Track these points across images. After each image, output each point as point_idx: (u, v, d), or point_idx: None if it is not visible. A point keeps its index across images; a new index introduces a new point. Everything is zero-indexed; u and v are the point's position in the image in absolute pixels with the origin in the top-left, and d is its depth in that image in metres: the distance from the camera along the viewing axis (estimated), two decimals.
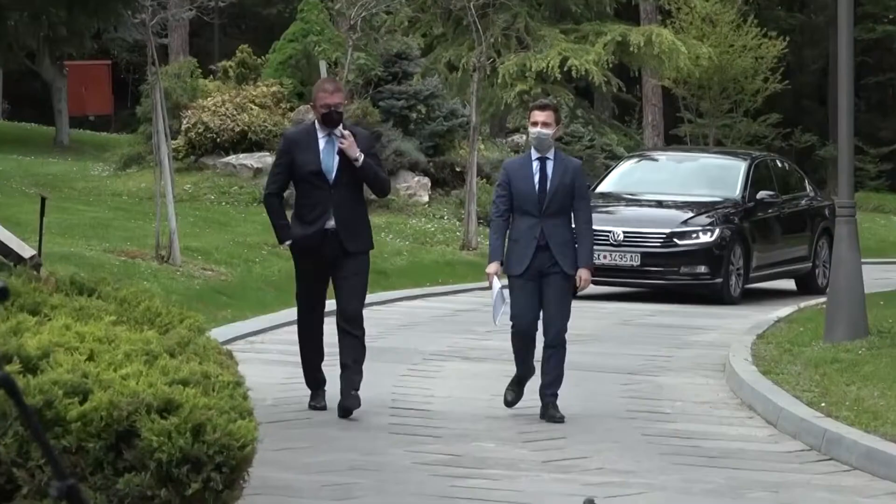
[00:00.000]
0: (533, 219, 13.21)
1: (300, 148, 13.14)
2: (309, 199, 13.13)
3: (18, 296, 9.36)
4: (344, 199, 13.04)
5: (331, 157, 12.99)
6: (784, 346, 17.90)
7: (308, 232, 13.03)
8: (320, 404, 13.42)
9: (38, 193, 15.96)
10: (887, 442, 12.71)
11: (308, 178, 13.06)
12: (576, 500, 11.11)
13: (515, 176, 13.39)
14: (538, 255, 13.18)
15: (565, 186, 13.27)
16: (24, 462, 7.98)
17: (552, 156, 13.42)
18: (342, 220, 13.00)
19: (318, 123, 13.21)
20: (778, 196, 25.59)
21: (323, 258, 13.08)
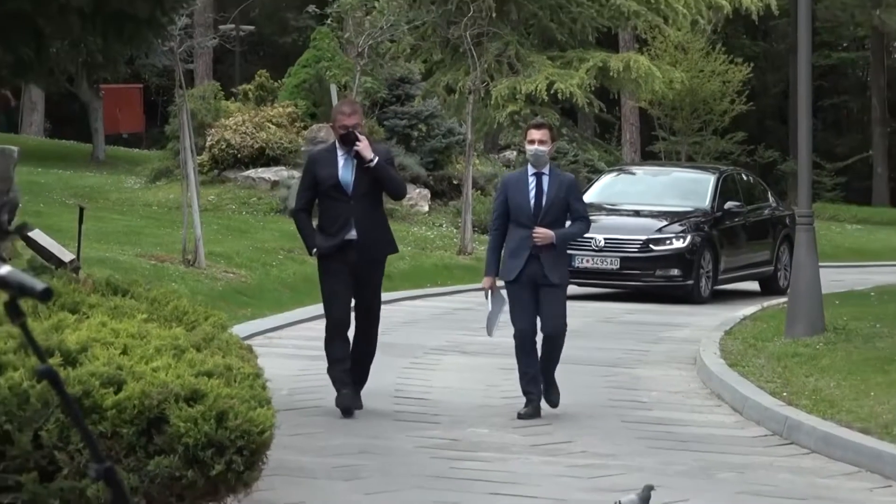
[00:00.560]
0: (527, 230, 12.89)
1: (321, 165, 12.97)
2: (331, 212, 12.92)
3: (59, 296, 9.36)
4: (363, 210, 12.83)
5: (349, 172, 12.79)
6: (749, 342, 17.92)
7: (331, 243, 12.83)
8: (347, 405, 13.01)
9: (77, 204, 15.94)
10: (842, 427, 12.72)
11: (329, 193, 12.84)
12: (563, 479, 11.14)
13: (513, 189, 13.08)
14: (530, 264, 12.87)
15: (560, 200, 12.98)
16: (65, 446, 7.98)
17: (548, 171, 13.09)
18: (362, 230, 12.78)
19: (337, 143, 13.02)
20: (743, 206, 25.61)
21: (346, 266, 12.85)
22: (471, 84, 30.46)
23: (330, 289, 12.98)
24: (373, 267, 13.03)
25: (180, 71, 24.09)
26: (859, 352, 16.49)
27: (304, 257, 22.90)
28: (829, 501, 10.81)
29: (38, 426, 8.02)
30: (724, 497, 10.83)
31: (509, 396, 14.34)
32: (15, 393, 8.02)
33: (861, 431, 12.54)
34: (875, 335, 17.81)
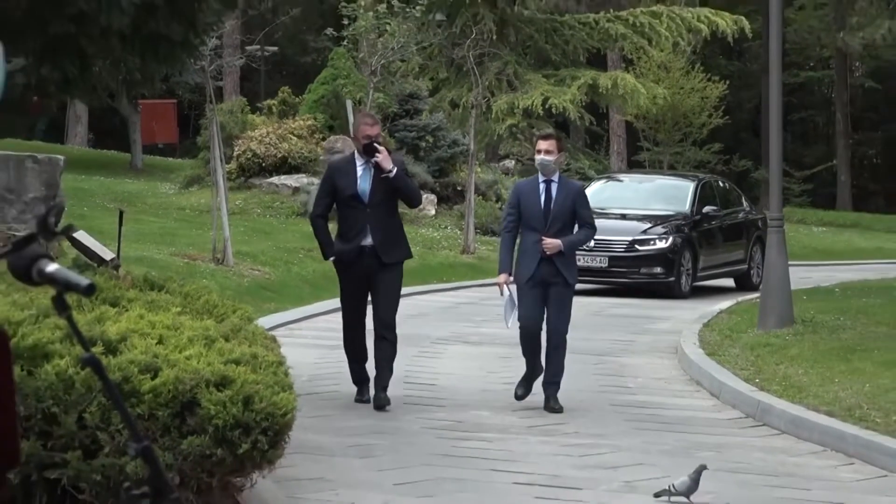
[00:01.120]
0: (538, 234, 12.61)
1: (340, 174, 12.57)
2: (349, 219, 12.52)
3: (101, 291, 9.35)
4: (379, 218, 12.42)
5: (366, 182, 12.39)
6: (725, 333, 17.92)
7: (348, 248, 12.45)
8: (365, 398, 12.77)
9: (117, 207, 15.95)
10: (809, 411, 12.73)
11: (347, 201, 12.43)
12: (557, 457, 11.14)
13: (524, 196, 12.78)
14: (542, 266, 12.58)
15: (568, 207, 12.67)
16: (106, 427, 7.98)
17: (557, 179, 12.80)
18: (378, 237, 12.38)
19: (357, 153, 12.65)
20: (720, 210, 25.64)
21: (362, 270, 12.46)
22: (473, 100, 30.49)
23: (347, 296, 12.70)
24: (388, 272, 12.55)
25: (210, 88, 24.10)
26: (825, 342, 16.49)
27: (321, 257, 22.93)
28: (798, 478, 10.80)
29: (82, 409, 8.02)
30: (704, 473, 10.81)
31: (509, 382, 14.31)
32: (61, 379, 8.03)
33: (826, 414, 12.54)
34: (839, 327, 17.83)
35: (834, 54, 52.07)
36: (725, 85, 43.08)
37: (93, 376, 7.62)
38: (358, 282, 12.54)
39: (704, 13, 40.24)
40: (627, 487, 10.27)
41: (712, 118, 42.41)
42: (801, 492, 10.32)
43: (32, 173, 19.83)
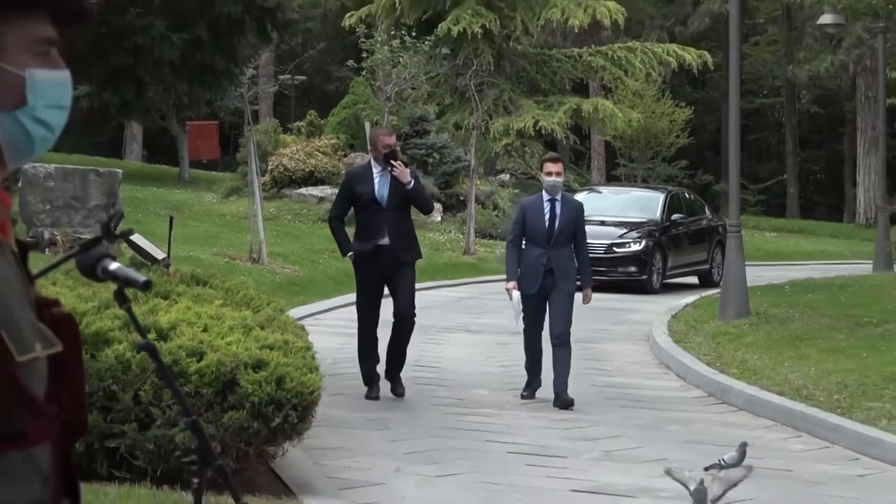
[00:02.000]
0: (541, 248, 11.96)
1: (358, 181, 12.04)
2: (367, 221, 11.95)
3: (154, 286, 9.36)
4: (395, 220, 11.87)
5: (384, 187, 11.88)
6: (690, 323, 17.92)
7: (366, 247, 11.86)
8: (374, 395, 12.05)
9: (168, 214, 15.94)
10: (763, 391, 12.73)
11: (366, 205, 11.89)
12: (545, 430, 11.13)
13: (530, 213, 12.11)
14: (546, 278, 11.92)
15: (570, 223, 12.06)
16: (158, 402, 7.98)
17: (560, 198, 12.19)
18: (393, 237, 11.81)
19: (373, 161, 12.05)
20: (686, 218, 25.63)
21: (379, 268, 11.85)
22: (473, 122, 30.49)
23: (363, 291, 12.08)
24: (402, 269, 11.98)
25: (248, 111, 24.04)
26: (776, 332, 16.48)
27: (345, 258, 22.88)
28: (754, 449, 10.77)
29: (138, 387, 8.03)
30: (672, 444, 10.82)
31: (504, 365, 14.32)
32: (120, 361, 8.03)
33: (778, 394, 12.54)
34: (788, 319, 17.81)
35: (784, 84, 52.05)
36: (691, 110, 43.07)
37: (147, 359, 7.62)
38: (375, 279, 11.97)
39: (673, 48, 40.26)
40: (606, 456, 10.26)
41: (679, 138, 42.39)
42: (755, 460, 10.28)
43: (95, 185, 19.85)
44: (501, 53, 37.85)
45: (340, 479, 9.08)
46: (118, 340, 8.12)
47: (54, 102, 2.18)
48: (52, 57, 2.17)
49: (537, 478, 9.44)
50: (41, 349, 2.12)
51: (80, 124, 30.25)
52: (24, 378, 2.09)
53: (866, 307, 18.84)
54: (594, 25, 39.61)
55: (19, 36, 2.14)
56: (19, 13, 2.13)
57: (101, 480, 7.75)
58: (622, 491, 9.09)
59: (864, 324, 16.97)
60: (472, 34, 36.51)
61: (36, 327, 2.13)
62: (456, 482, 9.22)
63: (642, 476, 9.57)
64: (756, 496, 9.04)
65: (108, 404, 7.92)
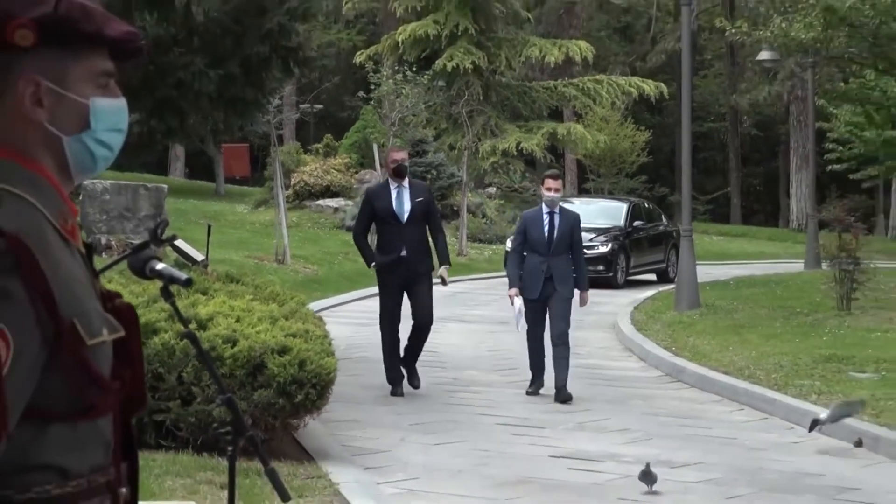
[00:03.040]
0: (541, 257, 11.20)
1: (378, 199, 11.19)
2: (387, 235, 11.15)
3: (195, 283, 9.36)
4: (412, 233, 11.07)
5: (401, 204, 11.07)
6: (650, 314, 17.93)
7: (387, 259, 11.04)
8: (399, 392, 11.23)
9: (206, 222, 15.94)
10: (711, 371, 12.74)
11: (386, 220, 11.09)
12: (527, 405, 11.12)
13: (530, 224, 11.35)
14: (546, 285, 11.20)
15: (567, 233, 11.30)
16: (198, 383, 7.97)
17: (558, 210, 11.41)
18: (411, 249, 11.03)
19: (389, 178, 11.27)
20: (645, 224, 25.61)
21: (399, 277, 11.07)
22: (465, 143, 30.51)
23: (386, 298, 11.21)
24: (420, 279, 11.15)
25: (274, 135, 24.11)
26: (722, 321, 16.50)
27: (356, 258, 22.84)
28: (704, 419, 10.80)
29: (181, 370, 8.02)
30: (634, 417, 10.83)
31: (493, 350, 14.31)
32: (165, 348, 8.03)
33: (724, 373, 12.55)
34: (733, 310, 17.84)
35: (728, 111, 52.06)
36: (649, 133, 43.07)
37: (189, 346, 7.60)
38: (395, 286, 11.16)
39: (634, 80, 40.27)
40: (579, 427, 10.27)
41: (639, 157, 42.39)
42: (705, 430, 10.32)
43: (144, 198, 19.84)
44: (489, 85, 37.85)
45: (353, 447, 9.09)
46: (164, 330, 8.12)
47: (114, 126, 2.20)
48: (111, 87, 2.19)
49: (521, 445, 9.45)
50: (107, 334, 2.13)
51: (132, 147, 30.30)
52: (93, 359, 2.09)
53: (798, 299, 18.88)
54: (567, 61, 39.61)
55: (84, 70, 2.15)
56: (84, 50, 2.14)
57: (150, 449, 7.76)
58: (593, 456, 9.10)
59: (797, 314, 17.00)
60: (463, 69, 36.52)
61: (102, 316, 2.14)
62: (452, 449, 9.22)
63: (609, 443, 9.58)
64: (705, 460, 9.05)
65: (156, 384, 7.92)
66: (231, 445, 3.95)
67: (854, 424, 9.93)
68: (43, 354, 2.02)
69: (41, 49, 2.10)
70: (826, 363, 12.61)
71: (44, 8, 2.09)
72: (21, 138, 2.13)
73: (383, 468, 8.49)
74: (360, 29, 50.33)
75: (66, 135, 2.14)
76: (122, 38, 2.16)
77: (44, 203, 2.10)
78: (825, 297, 17.89)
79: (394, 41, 37.54)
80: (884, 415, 10.22)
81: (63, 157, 2.15)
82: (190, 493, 6.98)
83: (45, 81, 2.11)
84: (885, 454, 9.32)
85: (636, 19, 53.43)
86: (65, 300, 2.05)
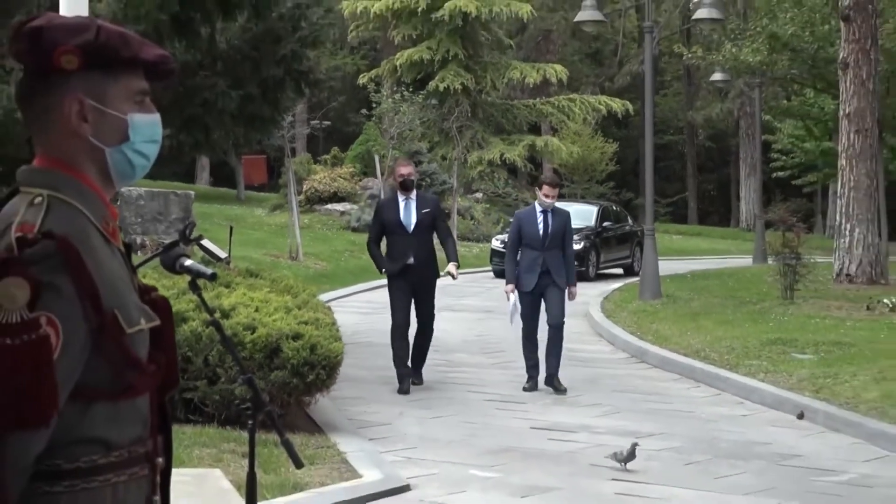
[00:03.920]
0: (536, 252, 10.60)
1: (387, 210, 10.56)
2: (395, 243, 10.52)
3: (219, 278, 9.35)
4: (419, 242, 10.49)
5: (409, 215, 10.51)
6: (617, 303, 17.91)
7: (396, 265, 10.44)
8: (406, 388, 10.48)
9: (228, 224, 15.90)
10: (672, 353, 12.74)
11: (394, 229, 10.47)
12: (511, 383, 11.10)
13: (525, 222, 10.74)
14: (541, 278, 10.59)
15: (560, 230, 10.67)
16: (222, 365, 7.96)
17: (552, 210, 10.74)
18: (417, 257, 10.45)
19: (398, 191, 10.64)
20: (614, 224, 25.60)
21: (407, 282, 10.45)
22: (455, 155, 30.51)
23: (394, 301, 10.56)
24: (426, 286, 10.61)
25: (287, 147, 24.08)
26: (681, 309, 16.50)
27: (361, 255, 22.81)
28: (665, 395, 10.81)
29: (207, 353, 8.01)
30: (605, 392, 10.83)
31: (481, 335, 14.28)
32: (193, 334, 8.02)
33: (683, 355, 12.55)
34: (690, 299, 17.84)
35: (685, 125, 52.10)
36: (616, 145, 43.03)
37: (214, 332, 7.61)
38: (404, 291, 10.53)
39: (603, 99, 40.26)
40: (556, 402, 10.27)
41: (608, 166, 42.35)
42: (667, 404, 10.33)
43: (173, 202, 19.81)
44: (476, 103, 37.81)
45: (358, 421, 9.08)
46: (192, 318, 8.11)
47: (150, 138, 2.20)
48: (147, 104, 2.20)
49: (505, 419, 9.45)
50: (144, 323, 2.14)
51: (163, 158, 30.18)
52: (132, 345, 2.10)
53: (747, 290, 18.89)
54: (544, 82, 39.59)
55: (122, 89, 2.16)
56: (122, 72, 2.15)
57: (180, 423, 7.75)
58: (569, 428, 9.10)
59: (746, 302, 17.02)
60: (454, 89, 36.48)
61: (140, 307, 2.15)
62: (445, 422, 9.22)
63: (583, 416, 9.59)
64: (667, 431, 9.06)
65: (185, 366, 7.90)
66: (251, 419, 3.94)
67: (797, 399, 9.95)
68: (88, 342, 2.03)
69: (84, 72, 2.11)
70: (772, 346, 12.62)
71: (86, 36, 2.10)
72: (68, 151, 2.13)
73: (385, 439, 8.48)
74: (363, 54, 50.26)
75: (108, 146, 2.15)
76: (155, 61, 2.17)
77: (88, 208, 2.11)
78: (771, 287, 17.92)
79: (393, 65, 37.52)
80: (822, 391, 10.24)
81: (105, 166, 2.16)
82: (215, 462, 6.98)
83: (89, 100, 2.12)
84: (822, 425, 9.33)
85: (605, 45, 53.44)
86: (107, 294, 2.05)
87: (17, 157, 7.94)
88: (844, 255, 19.53)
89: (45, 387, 1.95)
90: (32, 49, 2.10)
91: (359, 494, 6.71)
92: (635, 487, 7.22)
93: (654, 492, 7.12)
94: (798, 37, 24.76)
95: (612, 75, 50.85)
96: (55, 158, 2.13)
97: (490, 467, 7.70)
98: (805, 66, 25.91)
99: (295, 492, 6.54)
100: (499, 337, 14.20)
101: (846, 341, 12.65)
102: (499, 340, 13.68)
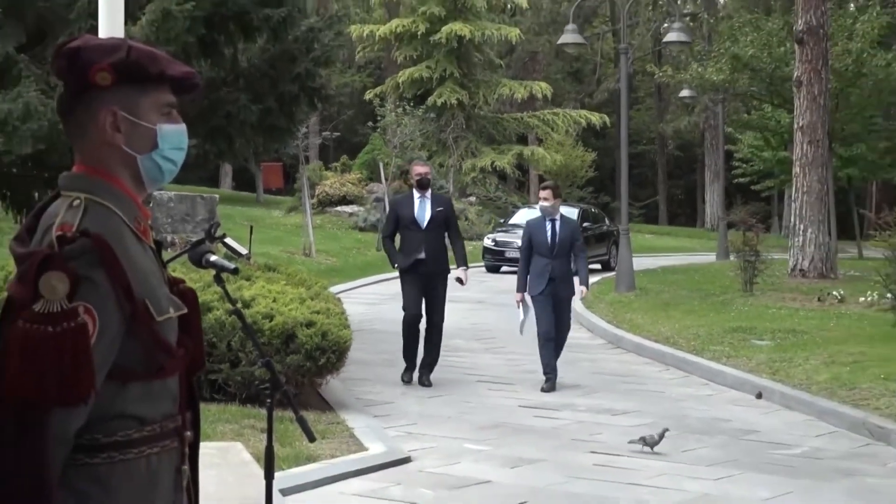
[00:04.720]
0: (546, 259, 9.89)
1: (401, 207, 10.04)
2: (408, 239, 9.92)
3: (240, 272, 9.31)
4: (431, 239, 9.91)
5: (423, 212, 9.95)
6: (596, 295, 17.88)
7: (408, 260, 9.99)
8: (407, 379, 10.03)
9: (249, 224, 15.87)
10: (645, 339, 12.73)
11: (408, 226, 9.90)
12: (502, 366, 11.09)
13: (534, 231, 10.06)
14: (550, 283, 9.84)
15: (567, 238, 9.98)
16: (243, 349, 7.95)
17: (559, 218, 10.03)
18: (429, 253, 9.86)
19: (414, 189, 10.08)
20: (593, 225, 25.61)
21: (418, 276, 9.85)
22: (451, 162, 30.47)
23: (407, 295, 9.94)
24: (437, 279, 10.00)
25: (302, 156, 24.04)
26: (653, 300, 16.49)
27: (367, 252, 22.81)
28: (639, 377, 10.81)
29: (230, 339, 8.00)
30: (584, 374, 10.83)
31: (475, 324, 14.27)
32: (217, 322, 8.00)
33: (655, 341, 12.55)
34: (661, 291, 17.84)
35: (656, 136, 52.10)
36: (595, 154, 43.01)
37: (236, 320, 7.59)
38: (415, 285, 9.94)
39: (583, 113, 40.29)
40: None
41: (588, 173, 42.31)
42: (640, 385, 10.33)
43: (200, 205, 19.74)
44: (470, 117, 37.79)
45: (365, 400, 9.08)
46: (216, 308, 8.10)
47: (177, 145, 2.21)
48: (174, 115, 2.21)
49: (496, 398, 9.45)
50: (173, 312, 2.15)
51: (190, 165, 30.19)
52: (162, 332, 2.10)
53: (712, 283, 18.89)
54: (531, 98, 39.60)
55: (152, 102, 2.16)
56: (152, 87, 2.15)
57: (205, 401, 7.73)
58: (553, 406, 9.11)
59: (710, 294, 17.02)
60: (450, 104, 36.48)
61: (169, 297, 2.16)
62: (442, 401, 9.22)
63: (566, 396, 9.59)
64: (641, 409, 9.06)
65: (210, 351, 7.89)
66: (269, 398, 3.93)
67: (755, 381, 9.94)
68: (122, 329, 2.03)
69: (117, 87, 2.11)
70: (733, 333, 12.63)
71: (119, 55, 2.11)
72: (103, 158, 2.13)
73: (388, 416, 8.48)
74: (369, 73, 50.21)
75: (139, 154, 2.15)
76: (181, 77, 2.17)
77: (122, 209, 2.12)
78: (732, 281, 17.92)
79: (395, 82, 37.51)
80: (778, 373, 10.25)
81: (137, 171, 2.16)
82: (237, 436, 6.98)
83: (122, 112, 2.12)
84: (779, 403, 9.34)
85: (585, 65, 53.42)
86: (138, 286, 2.06)
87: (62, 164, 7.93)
88: (798, 252, 19.56)
89: (84, 369, 1.96)
90: (71, 67, 2.10)
91: (365, 465, 6.72)
92: (612, 459, 7.22)
93: (628, 463, 7.12)
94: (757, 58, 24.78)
95: (592, 92, 50.88)
96: (92, 165, 2.14)
97: (483, 441, 7.70)
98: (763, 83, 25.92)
99: (308, 463, 6.58)
100: (491, 325, 14.19)
101: (800, 329, 12.66)
102: (491, 328, 13.66)
